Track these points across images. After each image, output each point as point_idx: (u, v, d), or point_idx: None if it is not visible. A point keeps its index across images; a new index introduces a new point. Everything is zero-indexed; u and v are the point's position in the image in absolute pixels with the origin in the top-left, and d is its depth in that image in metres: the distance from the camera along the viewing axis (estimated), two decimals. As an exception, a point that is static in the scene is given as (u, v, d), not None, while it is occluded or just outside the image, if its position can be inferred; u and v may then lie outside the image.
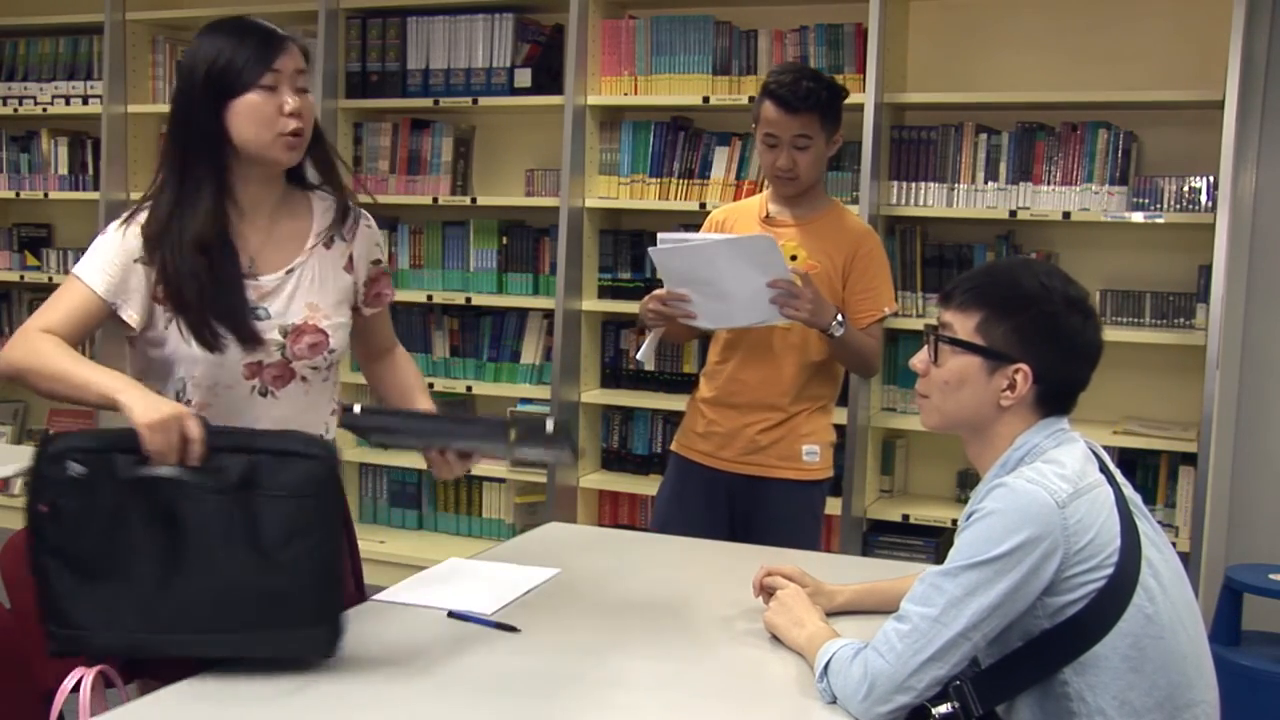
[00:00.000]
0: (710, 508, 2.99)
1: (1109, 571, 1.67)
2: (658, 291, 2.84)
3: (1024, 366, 1.75)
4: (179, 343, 1.96)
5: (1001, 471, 1.77)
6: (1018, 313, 1.77)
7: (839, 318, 2.79)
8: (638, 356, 3.00)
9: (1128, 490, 1.79)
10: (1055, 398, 1.79)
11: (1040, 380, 1.76)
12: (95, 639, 1.73)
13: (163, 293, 1.95)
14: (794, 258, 2.85)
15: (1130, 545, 1.70)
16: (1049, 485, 1.67)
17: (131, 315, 1.96)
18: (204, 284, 1.93)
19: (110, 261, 1.95)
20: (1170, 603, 1.72)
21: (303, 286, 2.05)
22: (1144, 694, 1.68)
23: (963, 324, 1.79)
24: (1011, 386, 1.76)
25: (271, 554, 1.74)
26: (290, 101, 1.94)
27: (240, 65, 1.92)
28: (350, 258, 2.13)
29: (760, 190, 4.01)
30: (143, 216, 1.98)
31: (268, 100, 1.93)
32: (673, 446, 3.13)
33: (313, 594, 1.76)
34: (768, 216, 2.99)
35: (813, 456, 2.97)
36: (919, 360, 1.85)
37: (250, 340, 1.97)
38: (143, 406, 1.73)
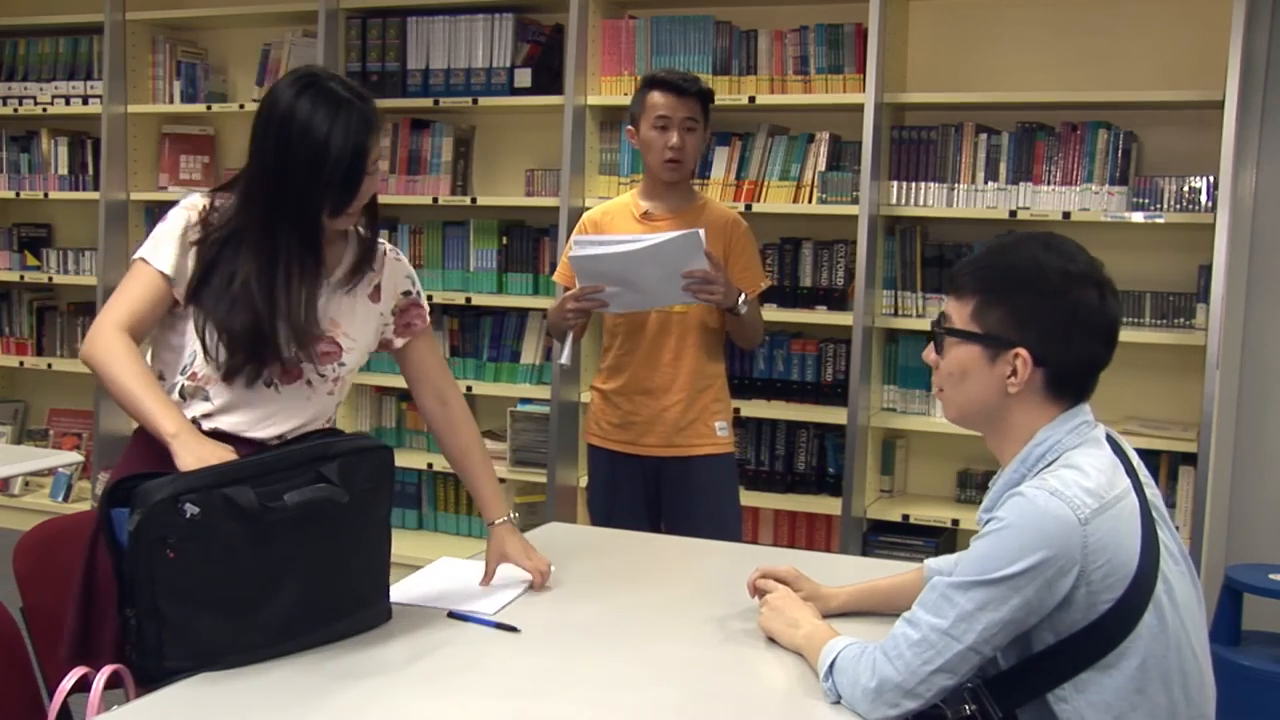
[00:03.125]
0: (644, 493, 3.18)
1: (1121, 591, 1.62)
2: (572, 292, 3.01)
3: (1021, 350, 1.68)
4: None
5: (1021, 467, 1.71)
6: (1011, 294, 1.69)
7: (743, 296, 2.99)
8: (562, 362, 3.16)
9: (1150, 492, 1.72)
10: (1067, 381, 1.71)
11: (1043, 363, 1.69)
12: (205, 665, 1.77)
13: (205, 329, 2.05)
14: None
15: (1149, 561, 1.64)
16: (1072, 500, 1.60)
17: (180, 294, 2.05)
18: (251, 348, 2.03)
19: (172, 243, 2.04)
20: (1179, 619, 1.67)
21: (329, 305, 2.13)
22: (1146, 714, 1.64)
23: (960, 312, 1.74)
24: (1014, 372, 1.69)
25: (363, 542, 1.93)
26: (373, 188, 2.07)
27: (342, 194, 2.00)
28: (377, 287, 2.21)
29: (759, 194, 4.03)
30: (197, 201, 2.08)
31: (356, 201, 2.05)
32: (589, 440, 3.29)
33: (384, 570, 1.99)
34: (645, 214, 3.13)
35: (724, 431, 3.17)
36: (928, 353, 1.81)
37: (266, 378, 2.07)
38: (192, 459, 1.84)
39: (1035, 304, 1.69)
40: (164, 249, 2.04)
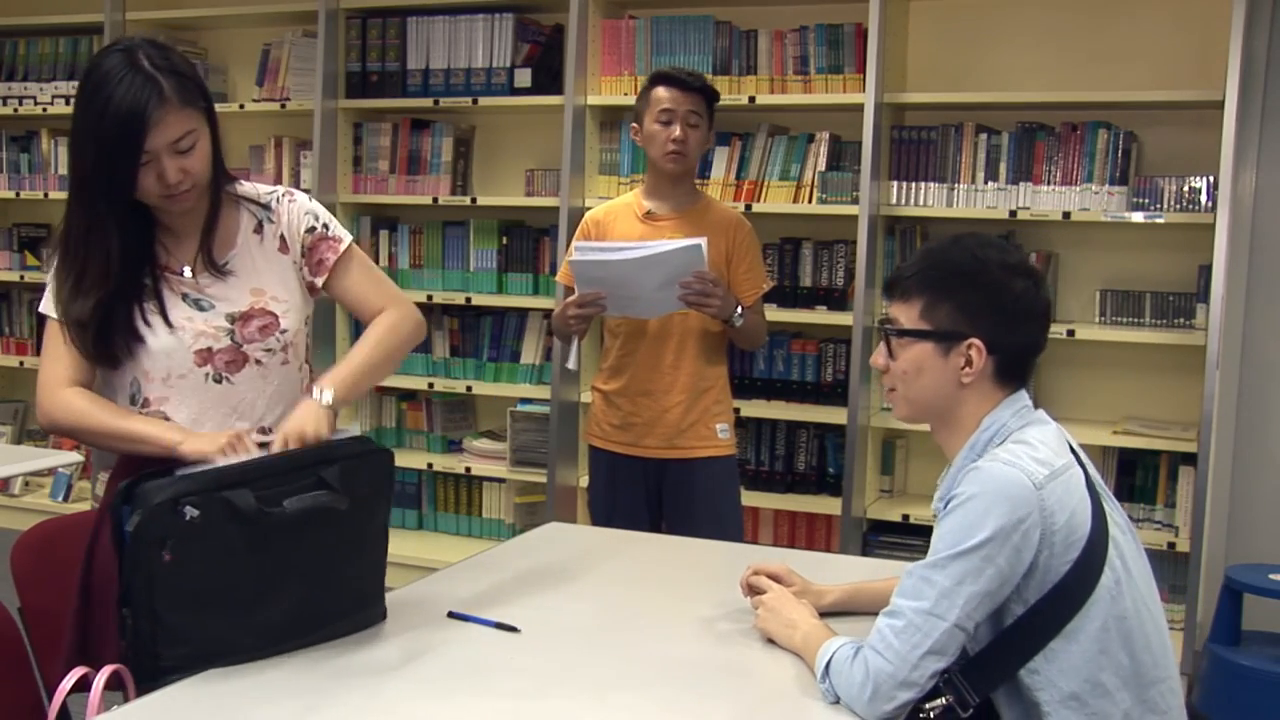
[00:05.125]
0: (645, 494, 3.18)
1: (1078, 553, 1.69)
2: (571, 299, 3.04)
3: (975, 340, 1.78)
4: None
5: (971, 454, 1.79)
6: (957, 290, 1.80)
7: (739, 309, 3.02)
8: (568, 366, 3.18)
9: (1092, 471, 1.81)
10: (1013, 367, 1.82)
11: (995, 350, 1.78)
12: (201, 665, 1.78)
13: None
14: None
15: (1099, 526, 1.73)
16: (1025, 467, 1.69)
17: None
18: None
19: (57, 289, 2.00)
20: (1133, 583, 1.74)
21: (243, 275, 2.08)
22: (1113, 674, 1.70)
23: (907, 313, 1.83)
24: (968, 363, 1.79)
25: (362, 546, 1.93)
26: (169, 175, 1.93)
27: (115, 163, 1.90)
28: (281, 237, 2.13)
29: (759, 194, 4.03)
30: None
31: (146, 175, 1.93)
32: (590, 441, 3.29)
33: (381, 573, 1.98)
34: (648, 214, 3.13)
35: (725, 433, 3.17)
36: (878, 357, 1.88)
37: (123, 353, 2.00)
38: (207, 444, 1.86)
39: (981, 296, 1.79)
40: (54, 299, 2.01)
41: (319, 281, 2.17)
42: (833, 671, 1.72)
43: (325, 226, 2.17)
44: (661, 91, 3.07)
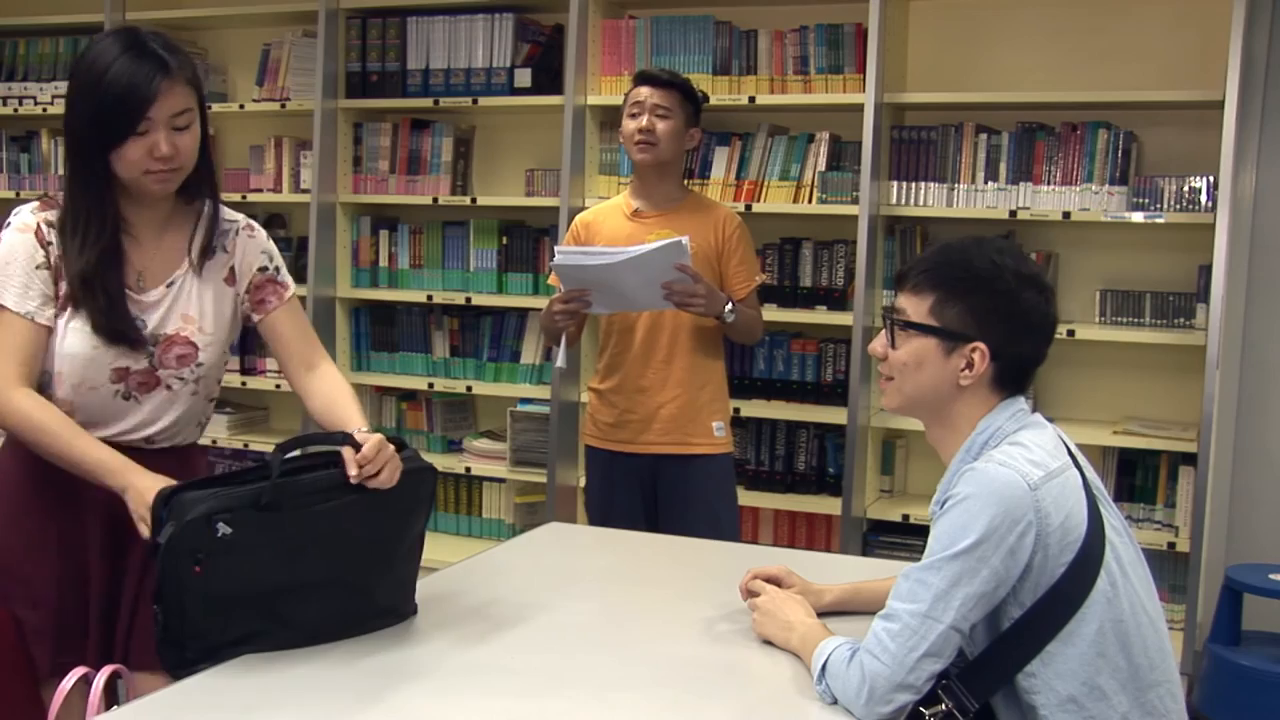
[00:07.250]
0: (641, 492, 3.19)
1: (1073, 556, 1.69)
2: (557, 296, 3.05)
3: (980, 345, 1.77)
4: (61, 339, 2.01)
5: (967, 457, 1.79)
6: (971, 293, 1.79)
7: (729, 305, 3.02)
8: (559, 365, 3.23)
9: (1090, 474, 1.81)
10: (1012, 376, 1.81)
11: (997, 358, 1.78)
12: (232, 654, 1.82)
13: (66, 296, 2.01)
14: None
15: (1095, 529, 1.72)
16: (1020, 469, 1.69)
17: (46, 320, 2.01)
18: (99, 305, 2.00)
19: (17, 277, 2.00)
20: (1131, 586, 1.74)
21: (181, 298, 2.10)
22: (1110, 677, 1.70)
23: (917, 306, 1.82)
24: (969, 365, 1.78)
25: (395, 558, 1.96)
26: (162, 146, 1.96)
27: (114, 122, 1.94)
28: (231, 269, 2.17)
29: (759, 194, 4.03)
30: (29, 220, 2.03)
31: (138, 146, 1.95)
32: (587, 440, 3.31)
33: (412, 581, 2.02)
34: (636, 212, 3.15)
35: (721, 431, 3.19)
36: (877, 344, 1.88)
37: (138, 346, 2.04)
38: (148, 490, 1.85)
39: (994, 303, 1.79)
40: (12, 288, 1.99)
41: (256, 318, 2.20)
42: (829, 674, 1.72)
43: (277, 270, 2.21)
44: (636, 90, 3.11)
